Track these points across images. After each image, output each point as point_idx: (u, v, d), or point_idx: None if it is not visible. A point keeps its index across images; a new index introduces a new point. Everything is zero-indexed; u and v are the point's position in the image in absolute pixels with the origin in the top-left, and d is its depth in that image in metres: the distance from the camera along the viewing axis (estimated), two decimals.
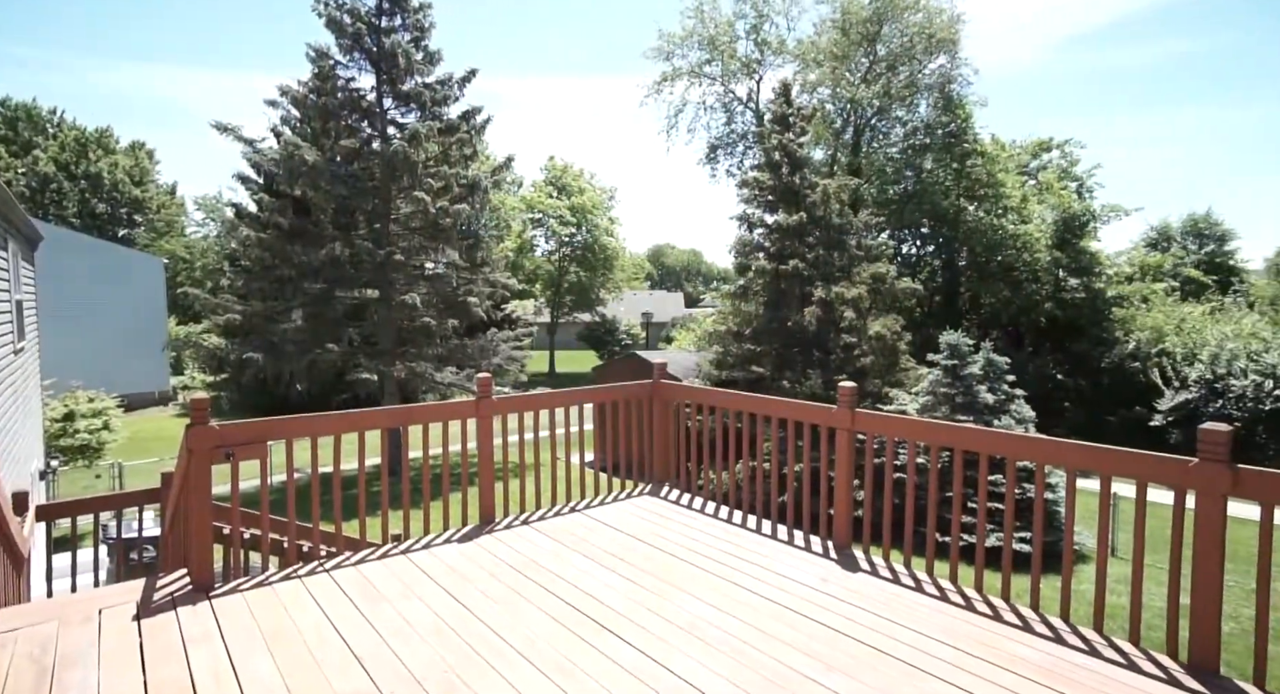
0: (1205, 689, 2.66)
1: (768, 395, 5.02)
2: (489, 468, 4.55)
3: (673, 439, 5.48)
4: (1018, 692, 2.61)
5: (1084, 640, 3.05)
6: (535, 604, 3.30)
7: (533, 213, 46.26)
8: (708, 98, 28.98)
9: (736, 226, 16.98)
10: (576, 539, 4.23)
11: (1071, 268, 22.72)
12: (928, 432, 3.99)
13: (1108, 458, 3.21)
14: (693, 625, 3.10)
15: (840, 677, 2.69)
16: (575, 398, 5.17)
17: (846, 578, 3.74)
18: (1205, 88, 79.43)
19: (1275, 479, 2.68)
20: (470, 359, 18.22)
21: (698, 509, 4.95)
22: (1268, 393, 16.55)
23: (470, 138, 17.41)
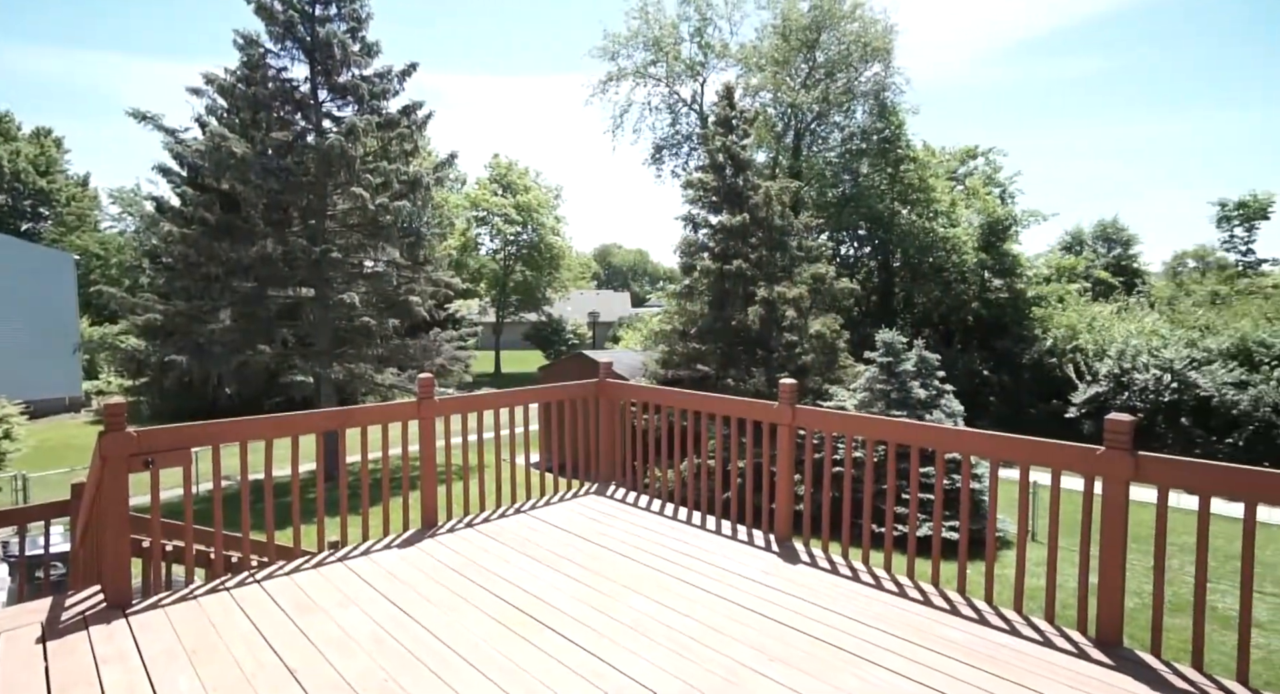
0: (1110, 660, 2.86)
1: (713, 393, 5.10)
2: (431, 470, 4.46)
3: (618, 438, 5.50)
4: (945, 671, 2.75)
5: (1005, 621, 3.24)
6: (479, 607, 3.26)
7: (477, 211, 45.46)
8: (653, 98, 29.16)
9: (682, 227, 17.16)
10: (521, 540, 4.20)
11: (995, 269, 23.97)
12: (864, 426, 4.14)
13: (1025, 448, 3.42)
14: (638, 622, 3.13)
15: (782, 667, 2.77)
16: (520, 398, 5.12)
17: (788, 570, 3.84)
18: (1113, 104, 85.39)
19: (1171, 465, 2.92)
20: (412, 360, 17.76)
21: (644, 507, 4.98)
22: (1166, 385, 17.91)
23: (411, 133, 16.95)
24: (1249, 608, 2.75)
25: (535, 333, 50.15)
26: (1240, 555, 2.74)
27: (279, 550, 3.86)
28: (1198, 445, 17.19)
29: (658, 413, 5.23)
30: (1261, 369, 17.70)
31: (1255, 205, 31.91)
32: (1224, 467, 2.82)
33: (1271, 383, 17.18)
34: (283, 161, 15.29)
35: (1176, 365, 18.17)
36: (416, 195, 16.96)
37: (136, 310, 15.46)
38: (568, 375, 18.78)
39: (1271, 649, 7.12)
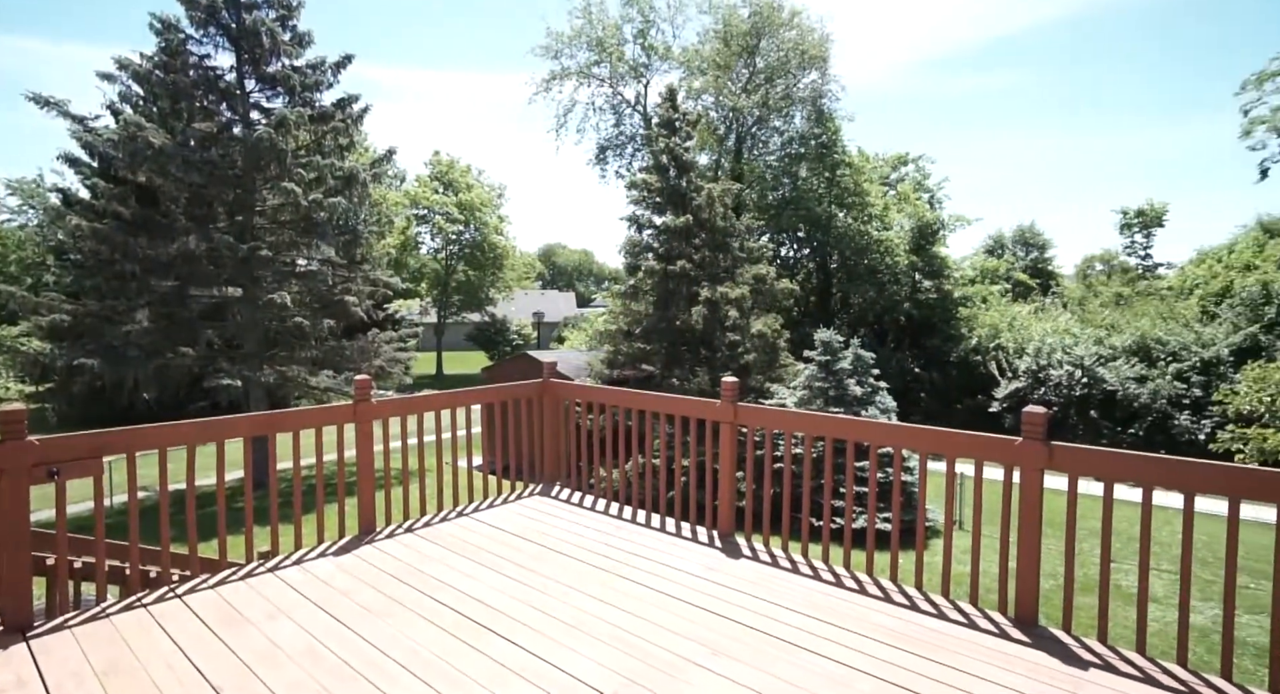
0: (1027, 638, 3.05)
1: (657, 392, 5.15)
2: (369, 475, 4.33)
3: (563, 438, 5.47)
4: (876, 655, 2.87)
5: (933, 605, 3.41)
6: (418, 613, 3.19)
7: (417, 209, 44.29)
8: (596, 99, 29.15)
9: (626, 227, 17.21)
10: (463, 543, 4.13)
11: (925, 271, 25.12)
12: (802, 422, 4.26)
13: (950, 441, 3.60)
14: (581, 621, 3.13)
15: (725, 659, 2.83)
16: (462, 399, 5.03)
17: (730, 565, 3.92)
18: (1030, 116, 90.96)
19: (1080, 453, 3.13)
20: (349, 361, 17.15)
21: (588, 507, 4.98)
22: (1077, 380, 19.18)
23: (346, 127, 16.36)
24: (1146, 584, 2.99)
25: (479, 333, 49.25)
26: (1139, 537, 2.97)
27: (203, 563, 3.66)
28: (1104, 436, 18.48)
29: (602, 413, 5.24)
30: (1158, 364, 19.19)
31: (1152, 213, 34.57)
32: (1126, 454, 3.06)
33: (1167, 377, 18.63)
34: (207, 154, 14.49)
35: (1086, 362, 19.48)
36: (352, 192, 16.39)
37: (40, 311, 14.34)
38: (512, 376, 18.55)
39: (1167, 621, 7.73)
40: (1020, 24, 66.25)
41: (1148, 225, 34.56)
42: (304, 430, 4.04)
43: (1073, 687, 2.65)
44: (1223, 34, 59.41)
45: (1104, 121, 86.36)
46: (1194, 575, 2.93)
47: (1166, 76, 71.34)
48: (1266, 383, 8.57)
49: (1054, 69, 78.83)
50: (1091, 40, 71.65)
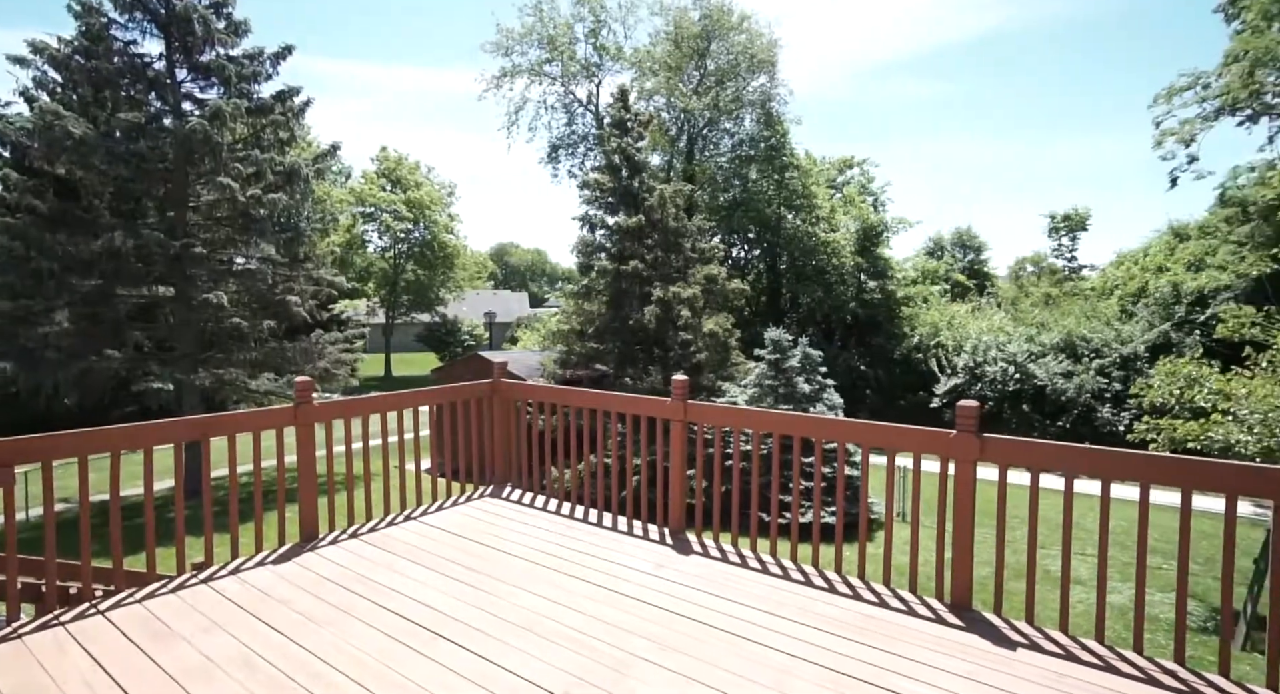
0: (961, 622, 3.20)
1: (610, 392, 5.15)
2: (310, 480, 4.20)
3: (514, 439, 5.43)
4: (820, 644, 2.96)
5: (875, 594, 3.53)
6: (364, 621, 3.11)
7: (364, 206, 43.05)
8: (548, 97, 28.92)
9: (579, 227, 17.17)
10: (410, 548, 4.05)
11: (870, 271, 25.92)
12: (750, 419, 4.35)
13: (890, 434, 3.74)
14: (531, 622, 3.12)
15: (674, 654, 2.86)
16: (410, 400, 4.93)
17: (680, 561, 3.97)
18: (968, 123, 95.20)
19: (1010, 445, 3.30)
20: (291, 363, 16.55)
21: (540, 507, 4.96)
22: (1011, 376, 20.15)
23: (287, 120, 15.77)
24: (1068, 568, 3.17)
25: (429, 334, 48.22)
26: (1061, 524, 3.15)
27: (128, 577, 3.47)
28: (1035, 428, 19.47)
29: (553, 413, 5.22)
30: (1083, 361, 20.32)
31: (1076, 218, 36.62)
32: (1050, 444, 3.24)
33: (1090, 373, 19.76)
34: (134, 146, 13.74)
35: (1019, 359, 20.47)
36: (294, 187, 15.81)
37: None
38: (463, 377, 18.23)
39: (1090, 602, 8.23)
40: (958, 35, 69.07)
41: (1073, 229, 36.60)
42: (241, 435, 3.88)
43: (1001, 666, 2.79)
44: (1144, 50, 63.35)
45: (1035, 130, 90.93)
46: (1114, 558, 3.13)
47: (1092, 89, 75.60)
48: (1175, 377, 9.20)
49: (989, 79, 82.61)
50: (1024, 53, 75.31)
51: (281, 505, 4.05)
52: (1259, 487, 2.74)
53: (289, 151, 16.06)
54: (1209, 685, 2.66)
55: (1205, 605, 9.44)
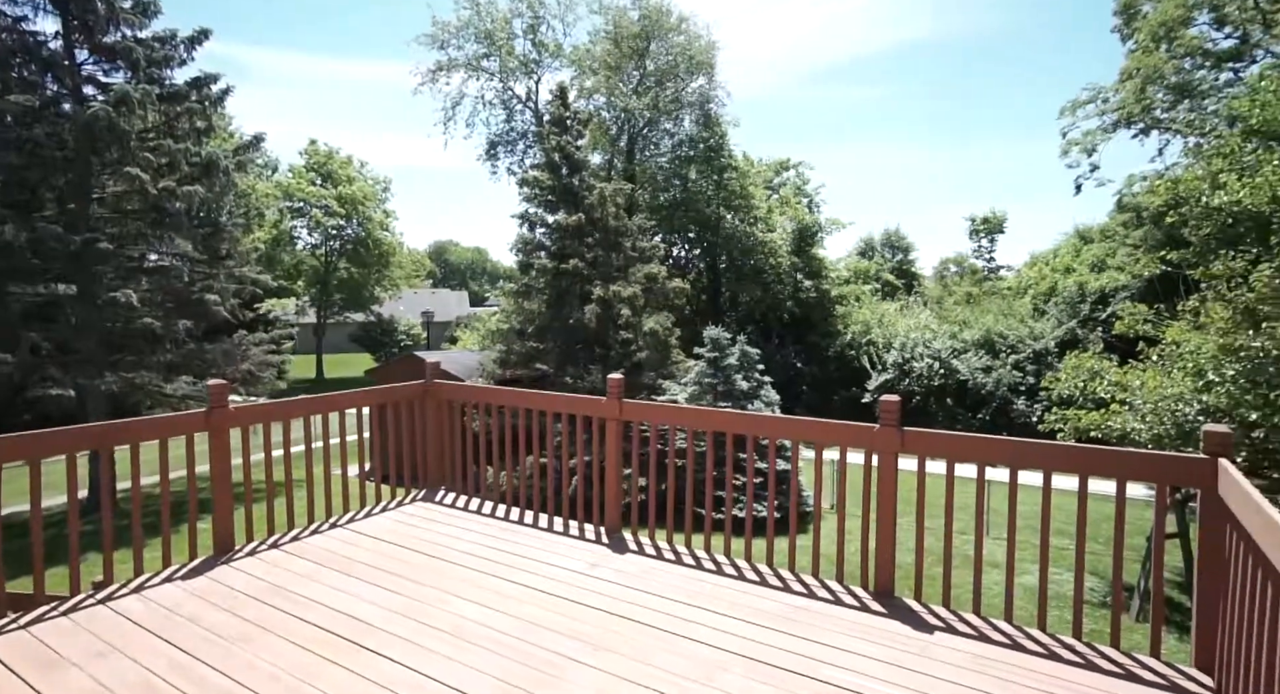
0: (884, 609, 3.33)
1: (548, 391, 5.10)
2: (225, 489, 3.98)
3: (448, 441, 5.30)
4: (750, 637, 3.02)
5: (805, 586, 3.63)
6: (281, 635, 2.97)
7: (292, 201, 41.17)
8: (486, 93, 28.38)
9: (518, 225, 16.94)
10: (334, 557, 3.89)
11: (806, 271, 26.67)
12: (685, 416, 4.39)
13: (818, 429, 3.85)
14: (459, 628, 3.05)
15: (605, 654, 2.86)
16: (338, 403, 4.74)
17: (615, 560, 3.97)
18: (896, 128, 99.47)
19: (928, 437, 3.45)
20: (212, 366, 15.67)
21: (474, 511, 4.86)
22: (936, 372, 21.16)
23: (204, 109, 14.90)
24: (981, 552, 3.35)
25: (363, 334, 46.55)
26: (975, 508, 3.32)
27: (12, 600, 3.20)
28: (959, 421, 20.50)
29: (489, 413, 5.12)
30: (1000, 356, 21.54)
31: (994, 221, 38.82)
32: (964, 436, 3.41)
33: (1007, 367, 20.97)
34: (27, 131, 12.68)
35: (943, 355, 21.51)
36: (212, 180, 14.96)
37: None
38: (399, 378, 17.61)
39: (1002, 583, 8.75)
40: (886, 44, 71.92)
41: (991, 231, 38.77)
42: (147, 443, 3.64)
43: (919, 650, 2.92)
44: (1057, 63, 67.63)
45: (957, 135, 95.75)
46: (1027, 541, 3.32)
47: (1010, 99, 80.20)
48: (1080, 370, 9.88)
49: (916, 86, 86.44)
50: (948, 63, 79.21)
51: (193, 517, 3.81)
52: (1143, 471, 2.97)
53: (206, 142, 15.17)
54: (1102, 657, 2.86)
55: (1106, 582, 10.18)
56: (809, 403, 23.34)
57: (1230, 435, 2.80)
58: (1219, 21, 18.08)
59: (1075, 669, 2.76)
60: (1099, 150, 20.63)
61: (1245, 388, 7.18)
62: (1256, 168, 7.87)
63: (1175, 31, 17.88)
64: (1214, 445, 2.79)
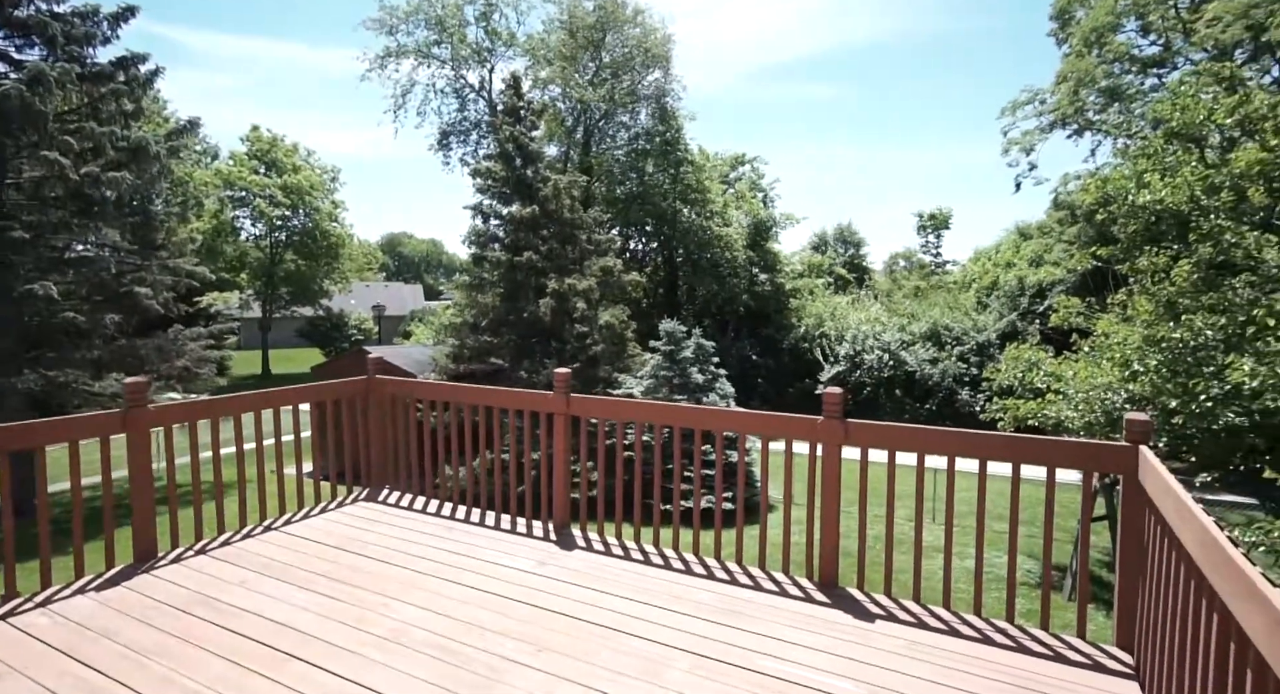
0: (827, 599, 3.37)
1: (492, 386, 5.00)
2: (146, 493, 3.75)
3: (391, 438, 5.15)
4: (696, 631, 3.01)
5: (751, 578, 3.65)
6: (204, 647, 2.82)
7: (233, 190, 39.48)
8: (438, 81, 27.68)
9: (471, 217, 16.60)
10: (269, 562, 3.73)
11: (761, 265, 26.99)
12: (631, 410, 4.36)
13: (762, 421, 3.88)
14: (398, 634, 2.95)
15: (548, 654, 2.81)
16: (275, 400, 4.53)
17: (563, 557, 3.92)
18: (849, 124, 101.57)
19: (871, 428, 3.50)
20: (146, 363, 14.88)
21: (418, 510, 4.73)
22: (885, 363, 21.75)
23: (131, 90, 14.06)
24: (920, 541, 3.42)
25: (312, 329, 45.04)
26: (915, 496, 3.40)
27: None
28: (907, 411, 21.12)
29: (433, 409, 4.99)
30: (946, 348, 22.27)
31: (940, 217, 40.10)
32: (906, 427, 3.47)
33: (952, 359, 21.69)
34: None
35: (892, 347, 22.10)
36: (142, 166, 14.15)
37: None
38: (346, 374, 17.14)
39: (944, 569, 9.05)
40: (839, 44, 73.23)
41: (938, 227, 40.03)
42: (53, 445, 3.40)
43: (861, 639, 2.96)
44: (1002, 65, 70.00)
45: (906, 134, 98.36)
46: (969, 528, 3.40)
47: (958, 99, 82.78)
48: (1018, 361, 10.27)
49: (868, 85, 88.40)
50: (899, 63, 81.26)
51: (109, 523, 3.59)
52: (1070, 459, 3.08)
53: (135, 126, 14.33)
54: (1032, 640, 2.96)
55: (1041, 563, 10.65)
56: (764, 394, 23.69)
57: (1150, 423, 2.93)
58: (1145, 29, 18.99)
59: (1007, 652, 2.85)
60: (1037, 150, 21.47)
61: (1166, 377, 7.57)
62: (1177, 168, 8.29)
63: (1105, 37, 18.70)
64: (1135, 433, 2.91)
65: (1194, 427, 7.13)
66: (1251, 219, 7.93)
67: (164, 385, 15.41)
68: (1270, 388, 6.35)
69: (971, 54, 74.59)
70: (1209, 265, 8.65)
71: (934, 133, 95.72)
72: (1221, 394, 6.87)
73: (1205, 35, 16.24)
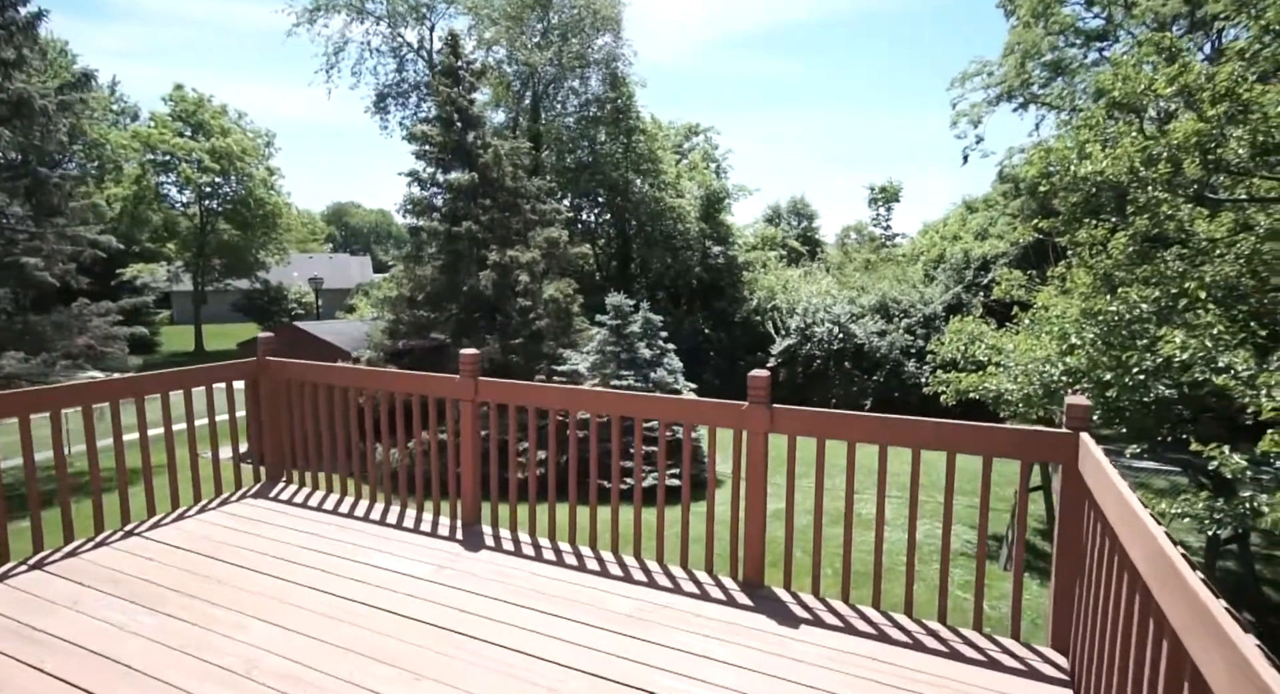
0: (751, 602, 3.09)
1: (395, 371, 4.51)
2: None
3: (285, 427, 4.63)
4: (601, 647, 2.67)
5: (671, 579, 3.34)
6: (9, 689, 2.34)
7: (155, 154, 36.88)
8: (373, 39, 26.01)
9: (407, 184, 15.67)
10: (116, 575, 3.22)
11: (714, 237, 26.65)
12: (546, 395, 3.94)
13: (685, 408, 3.53)
14: (247, 663, 2.52)
15: (428, 683, 2.43)
16: (149, 386, 3.97)
17: (467, 560, 3.53)
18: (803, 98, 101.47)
19: (797, 415, 3.18)
20: (46, 340, 13.68)
21: (314, 506, 4.26)
22: (835, 336, 21.86)
23: (10, 36, 12.56)
24: (850, 537, 3.15)
25: (248, 303, 42.89)
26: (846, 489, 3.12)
27: None
28: (855, 384, 21.34)
29: (331, 395, 4.48)
30: (894, 320, 22.52)
31: (891, 190, 40.46)
32: (833, 413, 3.17)
33: (900, 331, 21.96)
34: None
35: (842, 320, 22.21)
36: (28, 122, 12.77)
37: None
38: (275, 352, 16.16)
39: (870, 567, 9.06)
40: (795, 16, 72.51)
41: (888, 200, 40.39)
42: None
43: (779, 648, 2.68)
44: (953, 38, 70.57)
45: (859, 106, 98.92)
46: (895, 523, 3.14)
47: (909, 72, 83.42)
48: (961, 334, 10.26)
49: (820, 58, 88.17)
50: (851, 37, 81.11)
51: None
52: (1007, 447, 2.83)
53: (17, 76, 12.86)
54: (965, 643, 2.73)
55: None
56: (717, 368, 23.59)
57: (1089, 408, 2.69)
58: (1089, 2, 19.11)
59: (939, 660, 2.61)
60: (984, 122, 21.59)
61: (1101, 350, 7.59)
62: (1118, 139, 8.23)
63: (1052, 8, 18.74)
64: (1075, 419, 2.67)
65: (1126, 399, 7.17)
66: (1186, 192, 7.94)
67: (71, 365, 14.25)
68: (1200, 360, 6.37)
69: (924, 27, 75.02)
70: (1144, 239, 8.71)
71: (887, 106, 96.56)
72: (1154, 366, 6.89)
73: (1146, 8, 16.39)
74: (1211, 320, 6.47)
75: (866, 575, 3.41)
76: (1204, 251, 8.16)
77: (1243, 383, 6.00)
